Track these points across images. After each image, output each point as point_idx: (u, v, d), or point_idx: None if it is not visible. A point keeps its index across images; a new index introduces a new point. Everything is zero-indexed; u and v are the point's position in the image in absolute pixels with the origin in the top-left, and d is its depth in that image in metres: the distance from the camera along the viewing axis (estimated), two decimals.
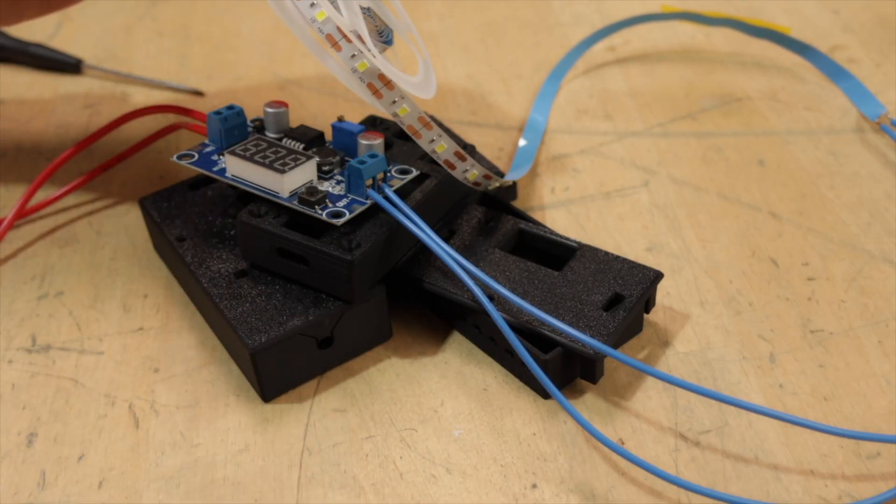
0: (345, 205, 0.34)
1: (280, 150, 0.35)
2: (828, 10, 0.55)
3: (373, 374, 0.36)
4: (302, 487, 0.32)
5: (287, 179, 0.34)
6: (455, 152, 0.35)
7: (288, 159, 0.35)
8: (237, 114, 0.37)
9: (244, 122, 0.38)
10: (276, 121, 0.38)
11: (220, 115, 0.37)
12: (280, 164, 0.34)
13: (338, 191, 0.35)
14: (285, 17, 0.33)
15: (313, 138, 0.37)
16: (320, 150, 0.36)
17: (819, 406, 0.33)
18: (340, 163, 0.36)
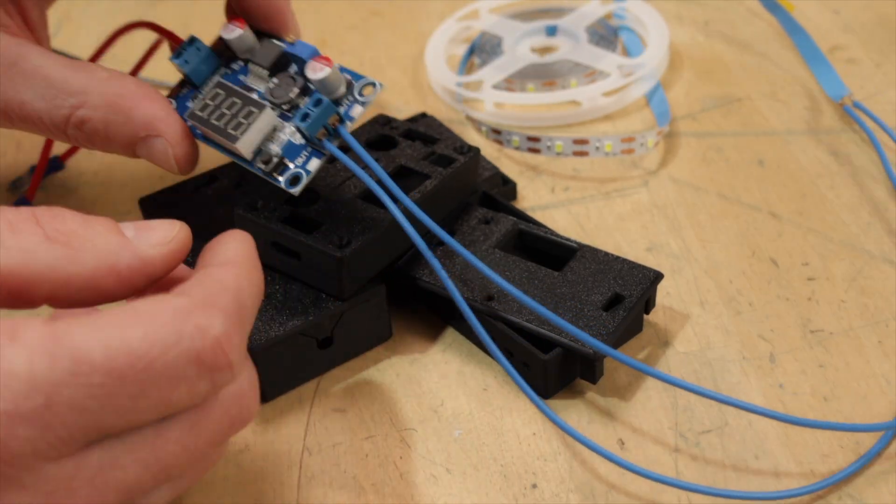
0: (303, 162, 0.32)
1: (235, 102, 0.33)
2: (828, 10, 0.55)
3: (373, 374, 0.36)
4: (302, 487, 0.32)
5: (243, 143, 0.32)
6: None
7: (241, 116, 0.32)
8: (197, 49, 0.35)
9: (207, 53, 0.35)
10: (238, 46, 0.35)
11: (181, 58, 0.35)
12: (234, 127, 0.32)
13: (298, 139, 0.33)
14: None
15: (276, 60, 0.35)
16: (281, 81, 0.34)
17: (819, 406, 0.33)
18: (303, 90, 0.33)
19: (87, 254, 0.25)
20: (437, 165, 0.38)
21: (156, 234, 0.27)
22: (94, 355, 0.22)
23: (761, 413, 0.30)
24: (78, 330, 0.22)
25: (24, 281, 0.24)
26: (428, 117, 0.45)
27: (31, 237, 0.24)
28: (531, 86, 0.50)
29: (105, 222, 0.26)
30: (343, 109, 0.33)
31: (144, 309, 0.23)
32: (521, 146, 0.45)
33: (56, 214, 0.25)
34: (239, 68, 0.35)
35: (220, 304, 0.25)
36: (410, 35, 0.57)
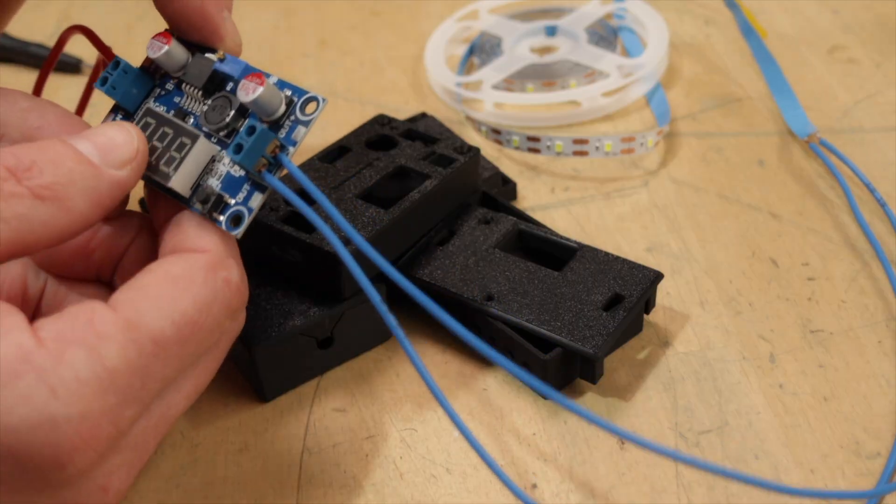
0: (244, 197, 0.28)
1: (166, 132, 0.29)
2: (828, 10, 0.55)
3: (373, 374, 0.36)
4: (302, 487, 0.32)
5: (178, 181, 0.29)
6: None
7: (173, 149, 0.29)
8: (123, 72, 0.31)
9: (136, 76, 0.31)
10: (168, 62, 0.31)
11: (107, 84, 0.31)
12: (166, 162, 0.29)
13: (237, 170, 0.29)
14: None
15: (210, 79, 0.30)
16: (216, 103, 0.30)
17: (819, 406, 0.33)
18: (239, 112, 0.29)
19: (75, 200, 0.26)
20: (437, 165, 0.38)
21: (118, 152, 0.27)
22: (167, 332, 0.25)
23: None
24: (146, 312, 0.25)
25: (26, 246, 0.25)
26: (428, 117, 0.45)
27: (22, 200, 0.25)
28: (531, 86, 0.50)
29: (66, 152, 0.26)
30: (283, 133, 0.29)
31: (180, 273, 0.26)
32: (521, 146, 0.45)
33: (27, 165, 0.25)
34: (172, 88, 0.31)
35: (232, 252, 0.28)
36: (410, 35, 0.57)
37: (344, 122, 0.49)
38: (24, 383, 0.23)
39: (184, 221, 0.28)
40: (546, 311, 0.34)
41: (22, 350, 0.23)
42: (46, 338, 0.24)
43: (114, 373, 0.24)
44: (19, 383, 0.23)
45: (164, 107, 0.31)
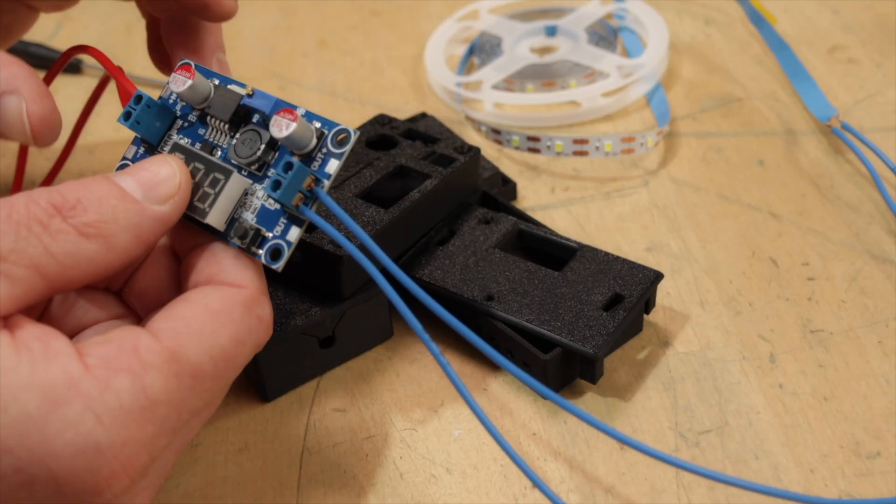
0: (281, 231, 0.29)
1: (198, 168, 0.29)
2: (828, 10, 0.55)
3: (373, 374, 0.36)
4: (302, 487, 0.32)
5: (214, 217, 0.29)
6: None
7: (207, 185, 0.29)
8: (147, 106, 0.31)
9: (159, 108, 0.31)
10: (192, 96, 0.31)
11: (131, 119, 0.31)
12: (200, 198, 0.29)
13: (272, 203, 0.29)
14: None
15: (236, 112, 0.30)
16: (245, 136, 0.30)
17: (819, 406, 0.33)
18: (270, 145, 0.30)
19: (118, 237, 0.26)
20: (437, 165, 0.38)
21: (162, 188, 0.28)
22: (205, 367, 0.26)
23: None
24: (188, 346, 0.26)
25: (71, 281, 0.26)
26: (428, 117, 0.45)
27: (68, 237, 0.25)
28: (530, 86, 0.50)
29: (111, 189, 0.27)
30: (317, 166, 0.29)
31: (219, 308, 0.27)
32: (521, 146, 0.45)
33: (73, 204, 0.26)
34: (196, 120, 0.31)
35: (265, 289, 0.29)
36: (410, 35, 0.57)
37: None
38: (72, 410, 0.23)
39: (219, 253, 0.29)
40: (546, 311, 0.34)
41: (70, 376, 0.24)
42: (93, 364, 0.24)
43: (155, 403, 0.25)
44: (67, 409, 0.23)
45: (188, 139, 0.31)
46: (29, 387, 0.23)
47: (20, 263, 0.24)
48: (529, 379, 0.28)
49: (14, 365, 0.23)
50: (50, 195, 0.26)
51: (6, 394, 0.23)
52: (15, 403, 0.23)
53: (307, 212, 0.28)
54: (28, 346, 0.24)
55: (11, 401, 0.23)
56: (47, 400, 0.23)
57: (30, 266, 0.25)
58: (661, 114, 0.48)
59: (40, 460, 0.23)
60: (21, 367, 0.23)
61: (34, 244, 0.25)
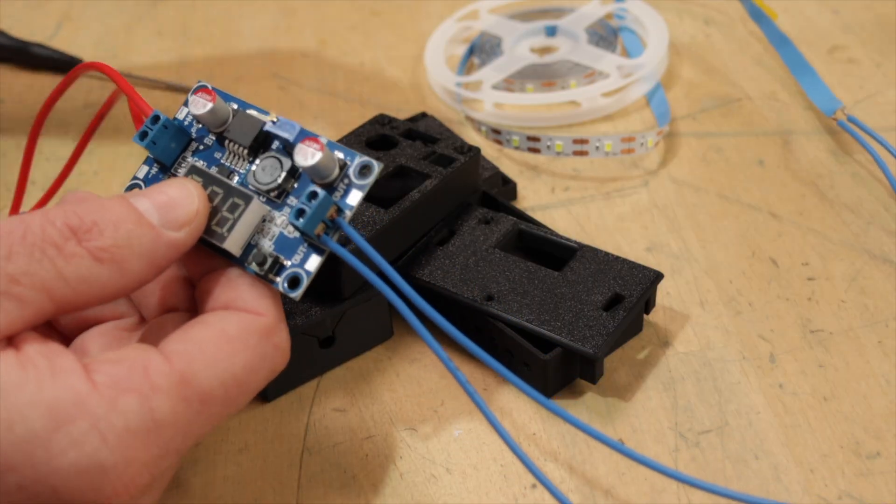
0: (300, 259, 0.29)
1: (216, 192, 0.29)
2: (828, 10, 0.55)
3: (373, 374, 0.36)
4: (302, 487, 0.32)
5: (231, 242, 0.29)
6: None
7: (225, 209, 0.29)
8: (164, 127, 0.30)
9: (176, 129, 0.31)
10: (211, 119, 0.30)
11: (147, 139, 0.30)
12: (218, 223, 0.29)
13: (291, 231, 0.29)
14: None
15: (255, 138, 0.30)
16: (265, 163, 0.30)
17: (819, 406, 0.33)
18: (290, 173, 0.29)
19: (132, 262, 0.26)
20: (437, 165, 0.38)
21: (179, 213, 0.27)
22: (216, 393, 0.26)
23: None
24: (200, 370, 0.26)
25: (80, 304, 0.26)
26: (428, 117, 0.45)
27: (82, 261, 0.25)
28: (530, 86, 0.50)
29: (128, 213, 0.26)
30: (339, 196, 0.29)
31: (235, 335, 0.27)
32: (521, 146, 0.45)
33: (88, 226, 0.26)
34: (212, 143, 0.31)
35: (282, 316, 0.28)
36: (410, 35, 0.57)
37: (344, 122, 0.49)
38: (77, 428, 0.23)
39: (236, 279, 0.28)
40: (546, 311, 0.34)
41: (76, 394, 0.24)
42: (101, 382, 0.24)
43: (161, 426, 0.25)
44: (72, 428, 0.23)
45: (203, 162, 0.31)
46: (35, 404, 0.23)
47: (31, 286, 0.24)
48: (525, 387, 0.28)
49: (20, 382, 0.23)
50: (67, 216, 0.25)
51: (12, 411, 0.23)
52: (21, 421, 0.23)
53: (329, 242, 0.28)
54: (34, 362, 0.24)
55: (17, 418, 0.23)
56: (53, 418, 0.23)
57: (41, 289, 0.24)
58: (661, 114, 0.48)
59: (44, 479, 0.23)
60: (27, 383, 0.23)
61: (47, 267, 0.24)
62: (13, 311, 0.24)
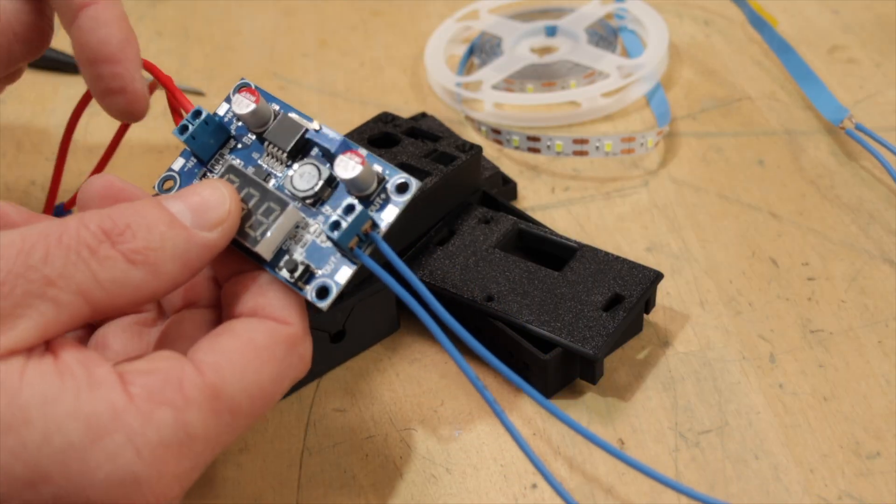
0: (331, 270, 0.29)
1: (252, 194, 0.29)
2: (828, 10, 0.55)
3: (373, 374, 0.36)
4: (302, 487, 0.32)
5: (264, 246, 0.29)
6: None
7: (260, 213, 0.29)
8: (205, 123, 0.31)
9: (216, 125, 0.31)
10: (252, 120, 0.31)
11: (187, 133, 0.30)
12: (252, 226, 0.29)
13: (323, 240, 0.29)
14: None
15: (296, 143, 0.30)
16: (303, 169, 0.30)
17: (819, 406, 0.33)
18: (328, 182, 0.30)
19: (166, 265, 0.26)
20: (438, 163, 0.38)
21: (211, 214, 0.27)
22: (244, 405, 0.26)
23: None
24: (230, 382, 0.26)
25: (116, 308, 0.26)
26: (428, 117, 0.45)
27: (115, 264, 0.25)
28: (530, 86, 0.50)
29: (160, 215, 0.27)
30: (374, 210, 0.29)
31: (264, 345, 0.27)
32: (521, 146, 0.45)
33: (122, 229, 0.26)
34: (251, 143, 0.31)
35: (307, 326, 0.29)
36: (410, 35, 0.57)
37: (344, 122, 0.49)
38: (113, 442, 0.24)
39: (265, 285, 0.29)
40: (546, 311, 0.34)
41: (113, 407, 0.24)
42: (136, 395, 0.24)
43: (193, 439, 0.25)
44: (108, 441, 0.24)
45: (241, 160, 0.31)
46: (73, 416, 0.23)
47: (68, 289, 0.24)
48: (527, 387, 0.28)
49: (58, 393, 0.23)
50: (101, 219, 0.26)
51: (50, 423, 0.23)
52: (59, 433, 0.23)
53: (362, 256, 0.28)
54: (72, 371, 0.24)
55: (55, 430, 0.23)
56: (90, 430, 0.23)
57: (77, 292, 0.24)
58: (661, 114, 0.48)
59: (80, 490, 0.23)
60: (65, 395, 0.24)
61: (82, 270, 0.25)
62: (49, 314, 0.24)
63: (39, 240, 0.24)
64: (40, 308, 0.24)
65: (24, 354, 0.24)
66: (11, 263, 0.24)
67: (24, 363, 0.24)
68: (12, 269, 0.24)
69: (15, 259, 0.24)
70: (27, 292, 0.24)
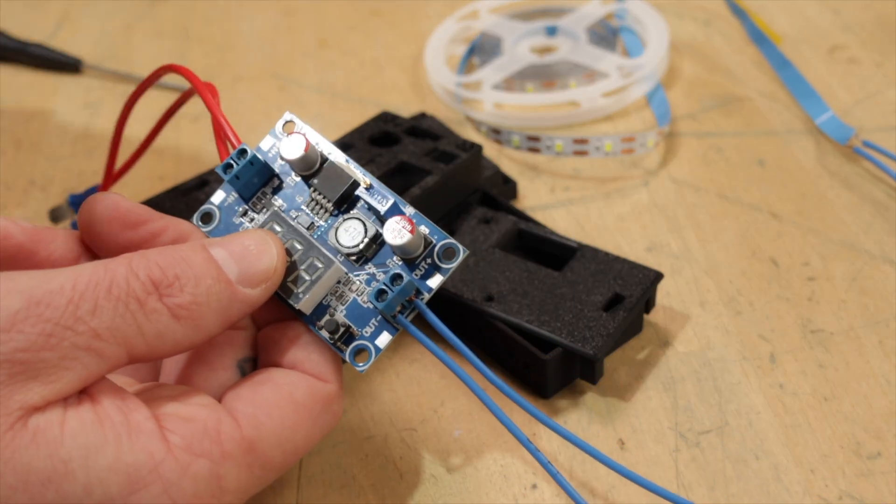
0: (370, 333, 0.28)
1: (296, 246, 0.29)
2: (828, 10, 0.55)
3: (373, 374, 0.36)
4: (302, 487, 0.32)
5: (305, 304, 0.28)
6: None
7: (303, 267, 0.28)
8: (250, 163, 0.29)
9: (261, 166, 0.30)
10: (300, 164, 0.30)
11: (231, 173, 0.29)
12: (294, 280, 0.28)
13: (365, 301, 0.28)
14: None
15: (343, 193, 0.29)
16: (348, 226, 0.29)
17: (819, 406, 0.33)
18: (373, 239, 0.29)
19: (207, 319, 0.26)
20: (438, 162, 0.38)
21: (257, 270, 0.27)
22: (276, 460, 0.26)
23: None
24: (266, 438, 0.26)
25: (154, 357, 0.26)
26: (428, 117, 0.45)
27: (161, 318, 0.25)
28: (530, 86, 0.50)
29: (208, 269, 0.26)
30: (419, 275, 0.28)
31: (302, 402, 0.27)
32: (521, 146, 0.45)
33: (171, 281, 0.25)
34: (295, 184, 0.30)
35: (342, 384, 0.29)
36: (410, 35, 0.57)
37: (344, 122, 0.49)
38: (150, 493, 0.24)
39: (306, 340, 0.29)
40: (546, 311, 0.34)
41: (153, 458, 0.24)
42: (175, 445, 0.24)
43: (225, 492, 0.25)
44: (145, 493, 0.24)
45: (285, 202, 0.30)
46: (114, 469, 0.23)
47: (113, 341, 0.24)
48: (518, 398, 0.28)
49: (100, 444, 0.23)
50: (150, 268, 0.25)
51: (91, 476, 0.23)
52: (99, 486, 0.23)
53: (404, 322, 0.28)
54: (111, 419, 0.24)
55: (96, 483, 0.23)
56: (129, 483, 0.23)
57: (121, 344, 0.24)
58: (661, 114, 0.48)
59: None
60: (107, 446, 0.23)
61: (129, 322, 0.24)
62: (93, 366, 0.24)
63: (89, 289, 0.24)
64: (85, 360, 0.24)
65: (62, 403, 0.24)
66: (60, 314, 0.23)
67: (64, 413, 0.23)
68: (60, 321, 0.23)
69: (65, 309, 0.23)
70: (74, 345, 0.23)
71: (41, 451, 0.23)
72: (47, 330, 0.23)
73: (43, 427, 0.23)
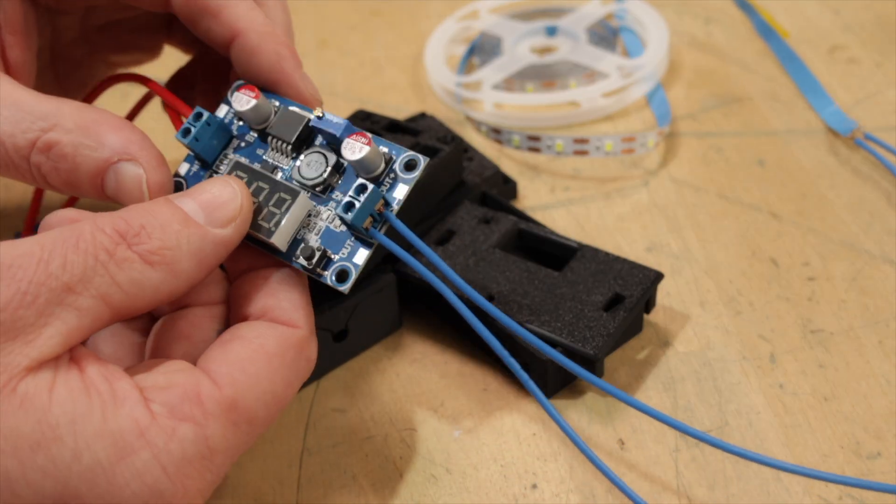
0: (348, 253, 0.29)
1: (262, 187, 0.29)
2: (828, 10, 0.55)
3: (373, 374, 0.36)
4: (302, 487, 0.32)
5: (279, 237, 0.29)
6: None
7: (272, 204, 0.29)
8: (206, 124, 0.31)
9: (218, 126, 0.31)
10: (253, 117, 0.31)
11: (190, 136, 0.30)
12: (265, 218, 0.29)
13: (337, 225, 0.29)
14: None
15: (299, 134, 0.31)
16: (309, 158, 0.30)
17: (819, 406, 0.33)
18: (335, 168, 0.30)
19: (182, 263, 0.26)
20: (423, 152, 0.38)
21: (223, 210, 0.28)
22: (260, 413, 0.27)
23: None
24: (245, 393, 0.26)
25: (136, 309, 0.26)
26: (428, 117, 0.45)
27: (133, 266, 0.25)
28: (530, 86, 0.50)
29: (173, 214, 0.27)
30: (385, 190, 0.29)
31: (275, 352, 0.27)
32: (522, 145, 0.45)
33: (137, 230, 0.26)
34: (254, 140, 0.31)
35: (314, 328, 0.29)
36: (410, 35, 0.57)
37: None
38: (140, 459, 0.24)
39: (275, 286, 0.29)
40: (546, 311, 0.34)
41: (138, 425, 0.24)
42: (158, 413, 0.25)
43: (214, 452, 0.25)
44: (135, 459, 0.24)
45: (247, 158, 0.31)
46: (101, 435, 0.24)
47: (88, 294, 0.24)
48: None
49: (87, 411, 0.24)
50: (115, 222, 0.26)
51: (79, 441, 0.23)
52: (87, 451, 0.23)
53: (377, 234, 0.28)
54: (97, 387, 0.24)
55: (84, 448, 0.23)
56: (117, 449, 0.24)
57: (97, 296, 0.25)
58: (662, 114, 0.48)
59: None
60: (93, 413, 0.24)
61: (101, 273, 0.25)
62: (72, 321, 0.24)
63: (56, 246, 0.24)
64: (63, 316, 0.24)
65: (52, 367, 0.24)
66: (32, 273, 0.24)
67: (53, 378, 0.24)
68: (33, 279, 0.24)
69: (35, 268, 0.24)
70: (49, 301, 0.24)
71: (29, 416, 0.23)
72: (22, 288, 0.23)
73: (31, 393, 0.23)
